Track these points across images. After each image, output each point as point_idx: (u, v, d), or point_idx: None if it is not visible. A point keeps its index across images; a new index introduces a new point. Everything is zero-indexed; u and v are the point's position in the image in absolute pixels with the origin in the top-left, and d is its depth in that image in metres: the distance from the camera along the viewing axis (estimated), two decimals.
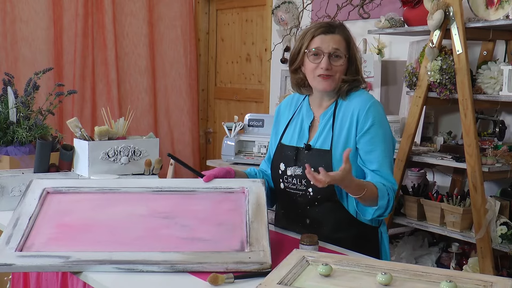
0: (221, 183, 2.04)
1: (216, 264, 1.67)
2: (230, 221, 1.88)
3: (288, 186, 2.14)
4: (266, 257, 1.72)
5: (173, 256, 1.70)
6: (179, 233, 1.81)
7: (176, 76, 5.13)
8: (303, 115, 2.15)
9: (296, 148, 2.11)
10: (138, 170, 2.51)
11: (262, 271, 1.67)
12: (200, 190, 2.01)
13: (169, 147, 5.09)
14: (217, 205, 1.95)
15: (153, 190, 2.01)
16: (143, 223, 1.86)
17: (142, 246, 1.75)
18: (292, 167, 2.10)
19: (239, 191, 2.01)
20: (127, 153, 2.48)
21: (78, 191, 2.00)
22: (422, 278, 1.59)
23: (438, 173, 3.50)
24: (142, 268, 1.66)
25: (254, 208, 1.91)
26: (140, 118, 4.88)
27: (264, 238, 1.80)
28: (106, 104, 4.65)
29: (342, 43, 2.02)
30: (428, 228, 3.09)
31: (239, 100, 5.06)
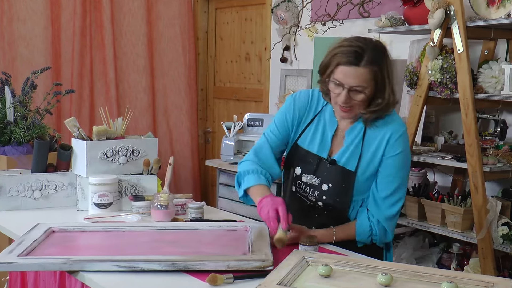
0: (225, 223, 2.13)
1: (218, 261, 1.68)
2: (233, 244, 1.92)
3: (299, 192, 2.13)
4: (268, 256, 1.74)
5: (174, 257, 1.71)
6: (183, 249, 1.84)
7: (175, 76, 5.12)
8: (325, 122, 2.09)
9: (318, 158, 2.07)
10: (136, 170, 2.50)
11: (263, 269, 1.67)
12: (203, 228, 2.08)
13: (167, 147, 5.09)
14: (220, 237, 2.00)
15: (157, 228, 2.07)
16: (146, 245, 1.90)
17: (144, 254, 1.78)
18: (310, 175, 2.09)
19: (242, 229, 2.08)
20: (126, 153, 2.47)
21: (83, 230, 2.06)
22: (422, 279, 1.59)
23: (439, 173, 3.50)
24: (143, 267, 1.67)
25: (257, 234, 1.97)
26: (138, 117, 4.88)
27: (266, 248, 1.83)
28: (104, 103, 4.64)
29: (366, 77, 1.90)
30: (429, 228, 3.09)
31: (238, 99, 5.06)
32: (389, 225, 2.07)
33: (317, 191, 2.08)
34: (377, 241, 2.09)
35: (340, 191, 2.05)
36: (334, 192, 2.06)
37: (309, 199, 2.11)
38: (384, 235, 2.08)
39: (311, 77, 4.28)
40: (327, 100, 2.06)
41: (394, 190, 2.03)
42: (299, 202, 2.14)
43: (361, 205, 2.09)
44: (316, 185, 2.08)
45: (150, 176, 2.50)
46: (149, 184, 2.49)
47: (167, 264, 1.67)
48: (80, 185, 2.45)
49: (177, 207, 2.37)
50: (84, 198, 2.44)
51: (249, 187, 2.05)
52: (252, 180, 2.05)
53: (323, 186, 2.07)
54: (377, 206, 2.05)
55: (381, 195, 2.04)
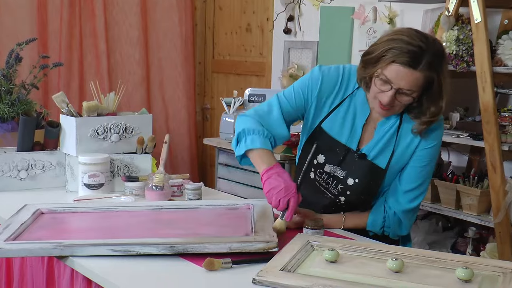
0: (226, 201, 2.13)
1: (219, 243, 1.68)
2: (234, 223, 1.92)
3: (319, 181, 2.09)
4: (272, 237, 1.74)
5: (172, 239, 1.72)
6: (180, 231, 1.84)
7: (171, 48, 5.09)
8: (356, 108, 2.03)
9: (346, 149, 2.03)
10: (129, 148, 2.50)
11: (267, 251, 1.68)
12: (202, 207, 2.09)
13: (163, 124, 5.08)
14: (220, 216, 2.00)
15: (153, 208, 2.08)
16: (142, 226, 1.91)
17: (139, 236, 1.78)
18: (335, 166, 2.05)
19: (244, 208, 2.08)
20: (118, 131, 2.47)
21: (74, 211, 2.06)
22: (436, 265, 1.59)
23: (454, 152, 3.49)
24: (139, 250, 1.67)
25: (260, 215, 1.96)
26: (132, 92, 4.86)
27: (270, 229, 1.83)
28: (95, 77, 4.61)
29: (420, 82, 1.84)
30: (443, 211, 3.09)
31: (238, 73, 5.04)
32: (406, 218, 2.06)
33: (340, 185, 2.05)
34: (389, 233, 2.09)
35: (366, 188, 2.03)
36: (360, 189, 2.03)
37: (330, 192, 2.08)
38: (399, 228, 2.08)
39: (316, 49, 4.25)
40: (364, 89, 1.99)
41: (419, 184, 2.03)
42: (316, 193, 2.11)
43: None
44: (340, 178, 2.04)
45: (144, 155, 2.50)
46: (143, 163, 2.48)
47: (165, 247, 1.68)
48: (69, 164, 2.45)
49: (173, 188, 2.37)
50: (73, 179, 2.44)
51: (253, 149, 1.96)
52: (257, 142, 1.96)
53: (348, 181, 2.03)
54: (397, 199, 2.04)
55: (404, 188, 2.03)
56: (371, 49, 1.91)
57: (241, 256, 1.67)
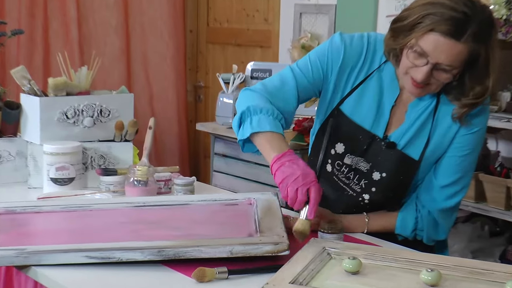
0: (222, 195, 2.13)
1: (217, 246, 1.68)
2: (234, 222, 1.92)
3: (337, 175, 2.09)
4: (282, 238, 1.74)
5: (161, 243, 1.72)
6: (169, 232, 1.84)
7: (156, 13, 5.09)
8: (383, 86, 2.03)
9: (371, 136, 2.02)
10: (106, 135, 2.50)
11: (276, 254, 1.68)
12: (195, 203, 2.08)
13: (146, 105, 5.08)
14: (216, 213, 2.01)
15: (135, 205, 2.07)
16: (122, 227, 1.90)
17: (120, 240, 1.78)
18: (357, 157, 2.04)
19: (245, 203, 2.08)
20: (92, 113, 2.46)
21: (38, 211, 2.05)
22: (481, 277, 1.59)
23: (503, 140, 3.49)
24: (121, 256, 1.68)
25: (265, 211, 1.96)
26: (108, 67, 4.85)
27: (279, 227, 1.82)
28: (63, 48, 4.59)
29: (463, 56, 1.82)
30: (489, 212, 3.09)
31: (239, 44, 5.03)
32: (443, 219, 2.06)
33: (364, 180, 2.05)
34: (423, 237, 2.08)
35: (395, 183, 2.03)
36: (388, 185, 2.03)
37: (352, 189, 2.08)
38: (434, 231, 2.08)
39: (334, 15, 4.24)
40: (393, 64, 1.99)
41: (459, 178, 2.03)
42: (334, 190, 2.10)
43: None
44: (364, 171, 2.04)
45: (124, 143, 2.50)
46: (122, 153, 2.49)
47: (152, 253, 1.68)
48: (32, 155, 2.45)
49: (160, 184, 2.36)
50: (37, 172, 2.44)
51: (260, 132, 1.92)
52: (265, 124, 1.92)
53: (373, 175, 2.03)
54: (432, 196, 2.04)
55: (440, 183, 2.03)
56: (403, 14, 1.89)
57: (239, 264, 1.67)
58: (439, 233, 2.09)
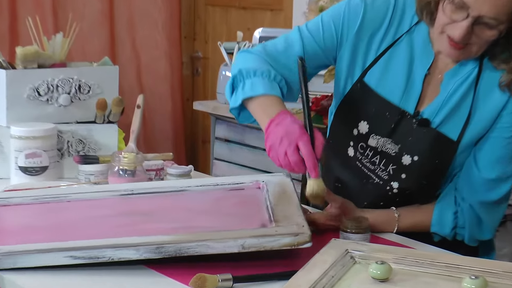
0: (224, 179, 2.12)
1: (225, 240, 1.68)
2: (242, 210, 1.92)
3: (361, 159, 2.09)
4: (303, 228, 1.73)
5: (159, 238, 1.71)
6: (165, 224, 1.84)
7: None
8: (414, 52, 2.04)
9: (400, 112, 2.02)
10: (85, 115, 2.50)
11: (297, 247, 1.68)
12: (193, 189, 2.07)
13: (134, 80, 5.12)
14: (219, 201, 2.01)
15: (122, 194, 2.06)
16: (109, 220, 1.90)
17: (107, 236, 1.77)
18: (383, 138, 2.04)
19: (253, 187, 2.06)
20: (69, 90, 2.46)
21: (5, 203, 2.03)
22: None
23: None
24: (112, 255, 1.67)
25: (278, 195, 1.95)
26: (88, 34, 4.89)
27: (297, 215, 1.81)
28: (33, 12, 4.54)
29: (510, 8, 1.83)
30: None
31: (244, 7, 5.06)
32: (487, 215, 2.05)
33: (392, 165, 2.05)
34: (464, 236, 2.08)
35: (429, 169, 2.03)
36: (421, 170, 2.03)
37: (378, 176, 2.08)
38: (477, 228, 2.07)
39: None
40: (427, 23, 1.99)
41: (506, 165, 2.02)
42: (357, 177, 2.11)
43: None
44: (392, 155, 2.04)
45: (107, 125, 2.50)
46: (105, 137, 2.49)
47: (149, 250, 1.67)
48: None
49: (150, 174, 2.38)
50: (3, 160, 2.44)
51: (253, 96, 1.96)
52: (259, 86, 1.96)
53: (403, 159, 2.03)
54: (473, 186, 2.04)
55: (483, 171, 2.02)
56: None
57: (244, 269, 1.66)
58: (483, 231, 2.08)
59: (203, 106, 4.28)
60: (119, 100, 2.48)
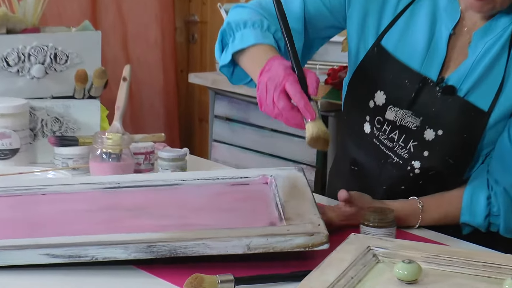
0: (225, 172, 2.16)
1: (229, 240, 1.68)
2: (247, 207, 1.93)
3: (378, 136, 2.10)
4: (319, 228, 1.73)
5: (151, 235, 1.71)
6: (156, 221, 1.85)
7: None
8: (437, 9, 2.04)
9: (422, 79, 2.03)
10: (62, 89, 2.51)
11: (312, 249, 1.68)
12: (189, 183, 2.08)
13: (119, 48, 5.14)
14: (221, 196, 2.02)
15: (105, 187, 2.06)
16: (92, 216, 1.91)
17: (90, 233, 1.77)
18: (402, 109, 2.05)
19: (259, 182, 2.07)
20: (43, 59, 2.47)
21: None
22: None
23: None
24: (96, 254, 1.67)
25: (289, 191, 1.96)
26: None
27: (312, 213, 1.82)
28: None
29: None
30: None
31: None
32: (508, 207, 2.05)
33: (413, 141, 2.05)
34: (499, 226, 2.07)
35: (457, 145, 2.03)
36: (447, 147, 2.03)
37: (397, 154, 2.09)
38: None
39: None
40: None
41: None
42: (375, 157, 2.12)
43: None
44: (413, 129, 2.05)
45: (88, 101, 2.51)
46: (86, 115, 2.50)
47: (139, 248, 1.67)
48: None
49: (138, 158, 2.39)
50: None
51: (244, 48, 1.98)
52: (249, 37, 1.98)
53: (426, 133, 2.03)
54: (507, 167, 2.04)
55: None
56: None
57: (248, 269, 1.66)
58: None
59: (200, 79, 4.29)
60: (102, 72, 2.48)
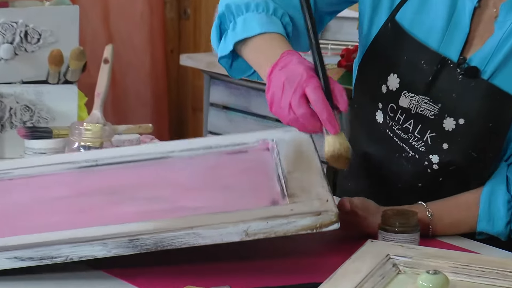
0: (220, 139, 2.18)
1: (224, 226, 1.69)
2: (244, 182, 1.94)
3: (391, 126, 2.10)
4: (327, 204, 1.73)
5: (133, 226, 1.71)
6: (143, 206, 1.85)
7: None
8: None
9: (440, 60, 2.03)
10: (34, 73, 2.54)
11: (319, 230, 1.69)
12: (176, 155, 2.10)
13: (99, 24, 5.17)
14: (215, 170, 2.03)
15: (80, 166, 2.07)
16: (63, 205, 1.91)
17: (67, 226, 1.77)
18: (418, 95, 2.06)
19: (259, 148, 2.07)
20: (11, 38, 2.50)
21: None
22: None
23: None
24: (70, 254, 1.67)
25: (293, 159, 1.96)
26: None
27: (319, 186, 1.82)
28: None
29: None
30: None
31: None
32: None
33: (430, 132, 2.06)
34: None
35: (481, 136, 2.03)
36: (469, 138, 2.03)
37: (412, 147, 2.09)
38: None
39: None
40: None
41: None
42: (389, 150, 2.13)
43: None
44: (430, 118, 2.05)
45: (64, 86, 2.53)
46: (61, 103, 2.52)
47: (121, 243, 1.68)
48: None
49: None
50: None
51: (247, 38, 1.98)
52: (255, 23, 1.98)
53: (445, 122, 2.04)
54: None
55: None
56: None
57: (249, 279, 1.67)
58: None
59: (194, 61, 4.29)
60: (80, 52, 2.50)
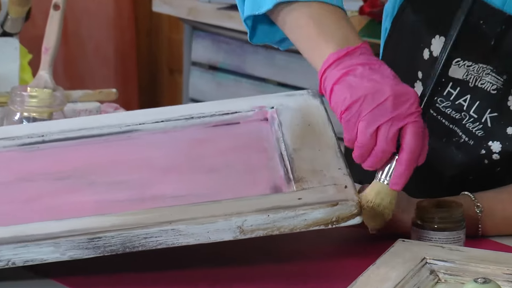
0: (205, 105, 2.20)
1: (213, 220, 1.70)
2: (237, 163, 1.95)
3: (437, 103, 2.14)
4: (346, 191, 1.74)
5: (93, 220, 1.73)
6: (104, 195, 1.87)
7: None
8: None
9: (505, 20, 2.08)
10: None
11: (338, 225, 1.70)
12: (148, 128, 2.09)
13: None
14: (197, 148, 2.03)
15: (22, 143, 2.09)
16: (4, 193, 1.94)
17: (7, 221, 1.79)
18: (476, 64, 2.10)
19: (256, 118, 2.09)
20: None
21: None
22: None
23: None
24: (13, 257, 1.70)
25: (300, 132, 1.97)
26: None
27: (334, 166, 1.83)
28: None
29: None
30: None
31: None
32: None
33: (491, 111, 2.09)
34: None
35: None
36: None
37: (466, 130, 2.13)
38: None
39: None
40: None
41: None
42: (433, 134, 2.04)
43: None
44: (491, 93, 2.11)
45: (3, 40, 2.56)
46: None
47: (78, 243, 1.70)
48: None
49: None
50: None
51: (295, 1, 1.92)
52: None
53: (510, 99, 2.08)
54: None
55: None
56: None
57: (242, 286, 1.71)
58: None
59: (171, 7, 4.27)
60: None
